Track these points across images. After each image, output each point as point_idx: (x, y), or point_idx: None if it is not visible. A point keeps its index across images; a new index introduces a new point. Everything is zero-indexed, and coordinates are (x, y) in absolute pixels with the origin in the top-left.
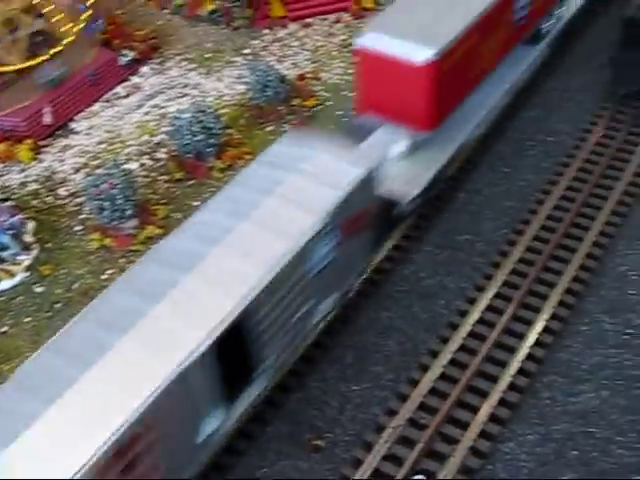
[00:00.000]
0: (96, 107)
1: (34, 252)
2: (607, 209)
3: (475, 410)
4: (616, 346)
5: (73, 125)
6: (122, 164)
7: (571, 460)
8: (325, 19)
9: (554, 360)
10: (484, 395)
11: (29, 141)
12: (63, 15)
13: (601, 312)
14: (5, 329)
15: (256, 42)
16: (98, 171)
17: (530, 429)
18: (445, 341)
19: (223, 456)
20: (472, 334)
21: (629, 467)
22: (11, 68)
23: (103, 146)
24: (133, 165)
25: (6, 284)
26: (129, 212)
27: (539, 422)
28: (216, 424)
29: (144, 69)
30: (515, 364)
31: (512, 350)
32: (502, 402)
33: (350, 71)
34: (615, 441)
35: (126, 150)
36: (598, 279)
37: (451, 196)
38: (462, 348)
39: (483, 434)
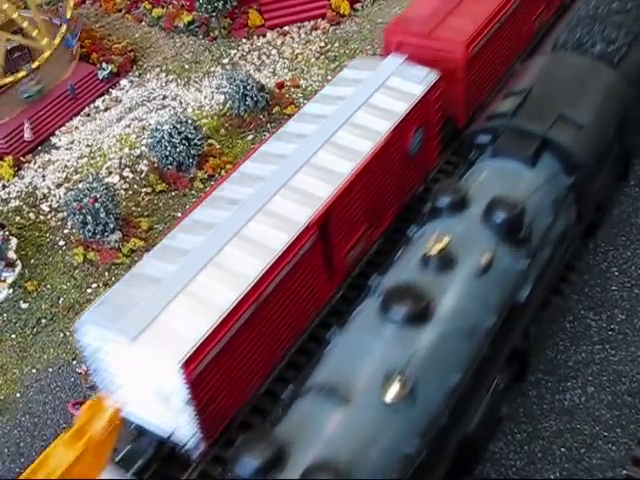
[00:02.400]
0: (76, 121)
1: (18, 268)
2: None
3: None
4: (601, 342)
5: (53, 140)
6: (103, 178)
7: (559, 457)
8: (302, 26)
9: (540, 358)
10: None
11: (9, 158)
12: (40, 30)
13: (585, 309)
14: None
15: (234, 52)
16: (80, 185)
17: (517, 428)
18: None
19: None
20: None
21: (615, 462)
22: None
23: (84, 160)
24: (115, 178)
25: None
26: (112, 225)
27: (526, 420)
28: None
29: (123, 82)
30: None
31: None
32: None
33: (329, 77)
34: (602, 437)
35: (107, 163)
36: (580, 276)
37: None
38: None
39: None
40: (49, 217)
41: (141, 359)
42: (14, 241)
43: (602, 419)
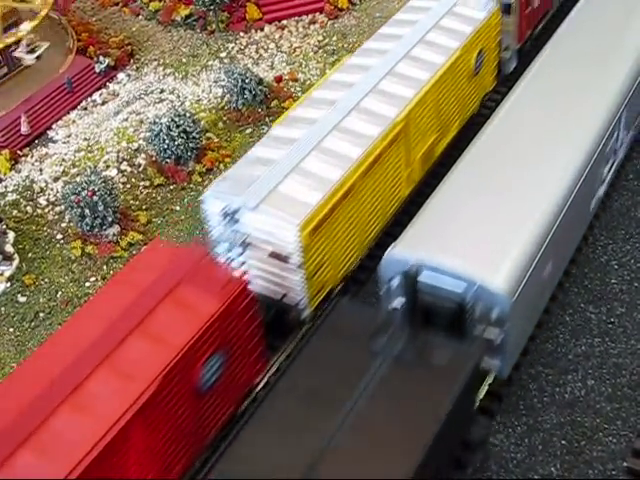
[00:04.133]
0: (73, 115)
1: (15, 262)
2: None
3: None
4: (600, 335)
5: (51, 134)
6: (101, 171)
7: (559, 449)
8: (300, 20)
9: (540, 351)
10: None
11: (6, 151)
12: None
13: (585, 302)
14: None
15: (232, 45)
16: (78, 179)
17: (518, 420)
18: None
19: None
20: None
21: (616, 454)
22: None
23: (81, 154)
24: (112, 172)
25: None
26: (110, 219)
27: (527, 413)
28: None
29: (120, 75)
30: None
31: None
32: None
33: (327, 71)
34: (602, 429)
35: (105, 157)
36: (580, 269)
37: None
38: None
39: None
40: (46, 211)
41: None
42: (11, 235)
43: (602, 412)
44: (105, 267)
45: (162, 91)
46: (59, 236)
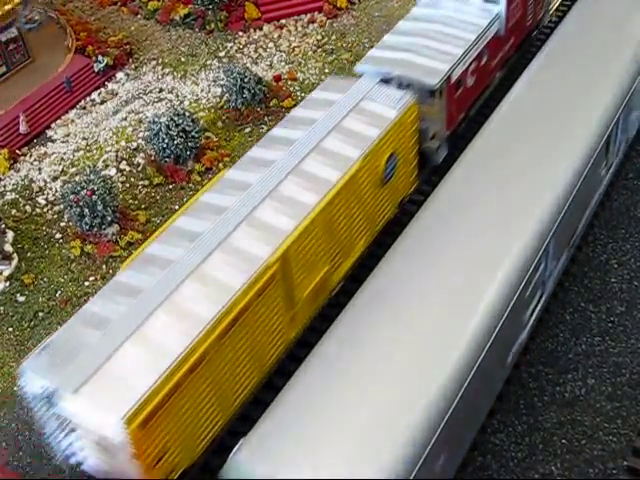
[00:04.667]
0: (72, 114)
1: (14, 261)
2: None
3: None
4: (600, 334)
5: (49, 133)
6: (100, 171)
7: (559, 449)
8: (299, 19)
9: (540, 350)
10: None
11: (4, 150)
12: None
13: (585, 301)
14: None
15: (231, 45)
16: (77, 178)
17: (518, 419)
18: None
19: None
20: None
21: (616, 453)
22: None
23: (80, 153)
24: (111, 171)
25: None
26: (109, 218)
27: (527, 412)
28: None
29: (119, 75)
30: None
31: None
32: None
33: (326, 70)
34: (602, 428)
35: (104, 156)
36: (580, 268)
37: None
38: None
39: None
40: (45, 210)
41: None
42: (10, 234)
43: (602, 411)
44: (104, 266)
45: (161, 90)
46: (58, 235)
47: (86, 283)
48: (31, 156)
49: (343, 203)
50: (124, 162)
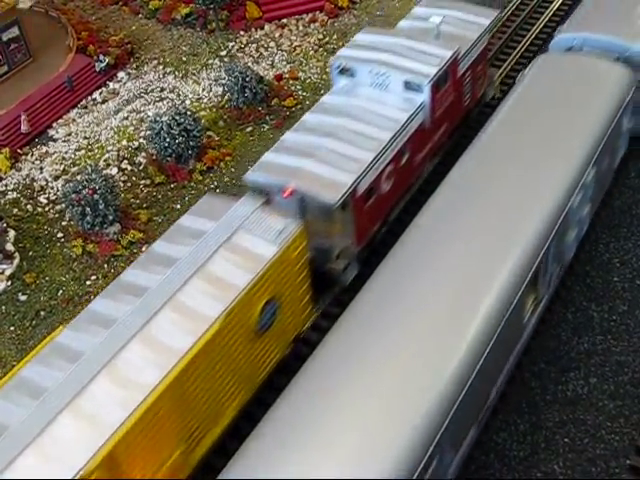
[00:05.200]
0: (73, 113)
1: (16, 260)
2: None
3: None
4: (603, 333)
5: (51, 132)
6: (102, 170)
7: (562, 447)
8: (300, 19)
9: (542, 349)
10: None
11: (6, 150)
12: None
13: (587, 300)
14: None
15: (232, 44)
16: (78, 177)
17: (521, 418)
18: None
19: None
20: None
21: (619, 452)
22: None
23: (82, 152)
24: (113, 170)
25: None
26: (111, 217)
27: (529, 411)
28: None
29: (120, 74)
30: None
31: None
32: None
33: (327, 70)
34: (605, 427)
35: (105, 156)
36: (582, 267)
37: None
38: None
39: None
40: (47, 209)
41: None
42: (12, 233)
43: (605, 409)
44: (106, 266)
45: (162, 90)
46: (60, 234)
47: (88, 282)
48: (32, 155)
49: (198, 374)
50: (125, 161)
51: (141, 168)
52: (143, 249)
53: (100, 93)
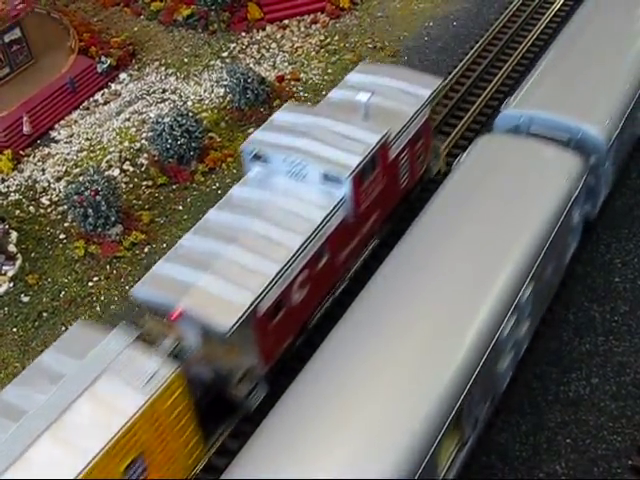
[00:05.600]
0: (75, 115)
1: (18, 262)
2: None
3: None
4: (604, 334)
5: (53, 134)
6: (104, 171)
7: (564, 448)
8: (302, 20)
9: (544, 350)
10: None
11: (8, 151)
12: None
13: (588, 301)
14: None
15: (234, 45)
16: (80, 178)
17: (523, 419)
18: None
19: None
20: None
21: (621, 452)
22: None
23: (84, 154)
24: (115, 172)
25: None
26: (113, 218)
27: (531, 412)
28: None
29: (122, 75)
30: None
31: None
32: None
33: (329, 71)
34: (607, 427)
35: (107, 157)
36: (584, 268)
37: None
38: None
39: None
40: (49, 210)
41: None
42: (14, 234)
43: (607, 410)
44: (108, 267)
45: (164, 91)
46: (62, 236)
47: (90, 283)
48: (35, 157)
49: None
50: (127, 162)
51: (143, 169)
52: (145, 250)
53: (102, 94)
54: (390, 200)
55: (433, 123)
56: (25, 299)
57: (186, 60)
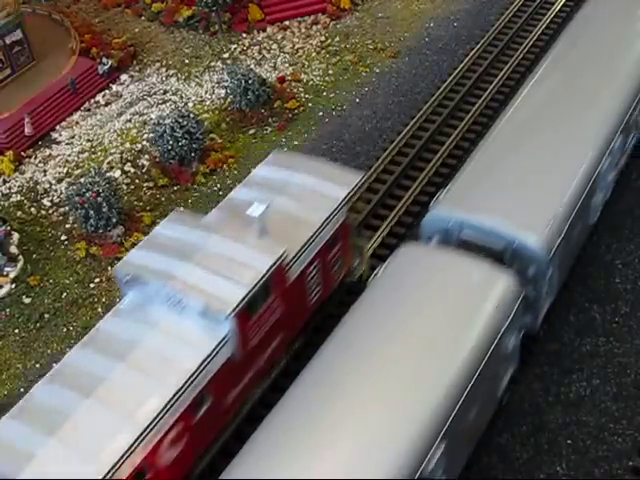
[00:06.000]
0: (76, 116)
1: (20, 263)
2: None
3: None
4: (605, 335)
5: (54, 135)
6: (105, 172)
7: (565, 449)
8: (302, 21)
9: (545, 351)
10: None
11: (10, 152)
12: None
13: (589, 302)
14: None
15: (235, 46)
16: (82, 180)
17: (523, 420)
18: None
19: None
20: None
21: (622, 453)
22: None
23: (85, 155)
24: (116, 173)
25: None
26: (114, 220)
27: (532, 413)
28: None
29: (123, 77)
30: None
31: None
32: None
33: (330, 72)
34: (608, 428)
35: (108, 158)
36: (585, 269)
37: None
38: None
39: None
40: (50, 212)
41: None
42: (16, 236)
43: (608, 411)
44: (110, 268)
45: (165, 92)
46: (63, 237)
47: (91, 285)
48: (36, 158)
49: None
50: (129, 164)
51: (144, 170)
52: None
53: (103, 96)
54: (296, 320)
55: (359, 216)
56: (27, 300)
57: (187, 61)
